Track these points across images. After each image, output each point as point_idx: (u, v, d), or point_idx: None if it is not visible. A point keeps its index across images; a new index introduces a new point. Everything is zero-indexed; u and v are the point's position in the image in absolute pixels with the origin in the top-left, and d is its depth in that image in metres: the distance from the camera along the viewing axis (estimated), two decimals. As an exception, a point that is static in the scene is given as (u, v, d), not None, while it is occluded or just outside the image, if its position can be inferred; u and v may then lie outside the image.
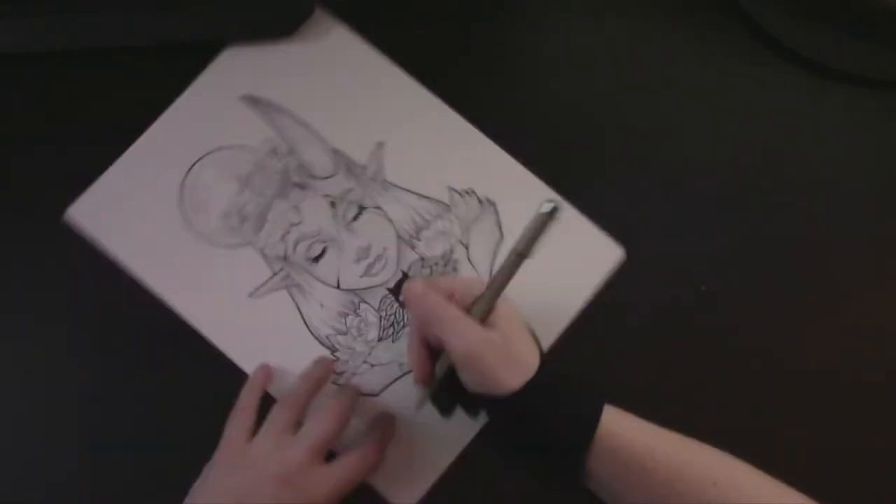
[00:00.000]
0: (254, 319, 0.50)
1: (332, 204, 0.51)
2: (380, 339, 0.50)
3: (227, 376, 0.49)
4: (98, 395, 0.49)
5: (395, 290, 0.51)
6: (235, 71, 0.53)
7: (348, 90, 0.53)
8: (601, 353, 0.51)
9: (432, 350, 0.45)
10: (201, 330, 0.50)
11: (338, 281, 0.51)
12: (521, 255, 0.38)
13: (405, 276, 0.51)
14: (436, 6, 0.55)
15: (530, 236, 0.36)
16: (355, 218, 0.51)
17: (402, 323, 0.50)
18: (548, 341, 0.50)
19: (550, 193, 0.52)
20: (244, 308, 0.50)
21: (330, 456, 0.45)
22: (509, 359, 0.42)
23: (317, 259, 0.51)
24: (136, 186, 0.51)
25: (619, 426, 0.42)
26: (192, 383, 0.49)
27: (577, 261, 0.51)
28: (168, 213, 0.51)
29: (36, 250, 0.51)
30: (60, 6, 0.51)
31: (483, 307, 0.42)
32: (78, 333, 0.50)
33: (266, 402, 0.47)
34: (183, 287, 0.50)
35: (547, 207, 0.34)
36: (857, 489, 0.49)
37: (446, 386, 0.44)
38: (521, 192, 0.52)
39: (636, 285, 0.51)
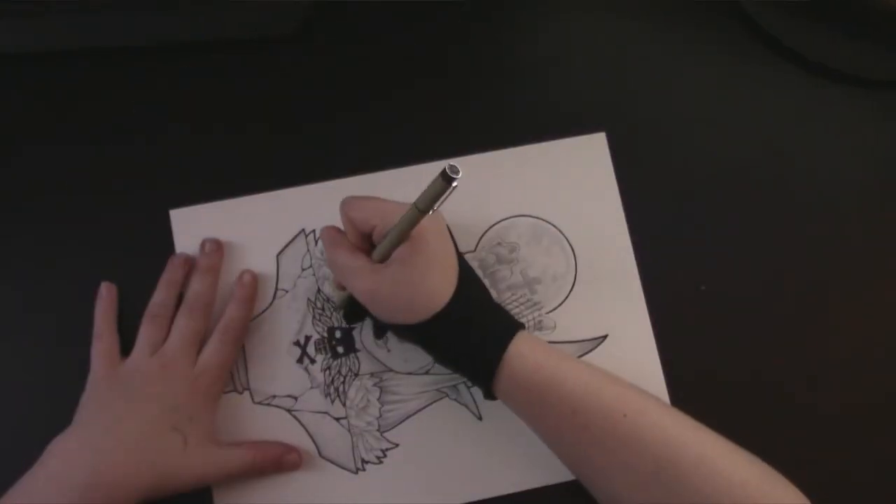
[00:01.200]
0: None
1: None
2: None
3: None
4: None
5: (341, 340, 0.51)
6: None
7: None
8: (601, 353, 0.50)
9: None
10: None
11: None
12: (421, 211, 0.39)
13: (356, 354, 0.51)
14: (433, 6, 0.55)
15: (431, 195, 0.37)
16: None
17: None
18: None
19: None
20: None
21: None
22: (406, 299, 0.43)
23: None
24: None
25: (528, 357, 0.43)
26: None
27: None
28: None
29: (36, 250, 0.51)
30: (60, 6, 0.51)
31: (381, 253, 0.44)
32: (77, 334, 0.50)
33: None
34: None
35: (447, 171, 0.35)
36: (857, 489, 0.49)
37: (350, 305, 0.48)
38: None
39: (636, 285, 0.51)
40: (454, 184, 0.35)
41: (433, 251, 0.43)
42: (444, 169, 0.35)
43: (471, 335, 0.44)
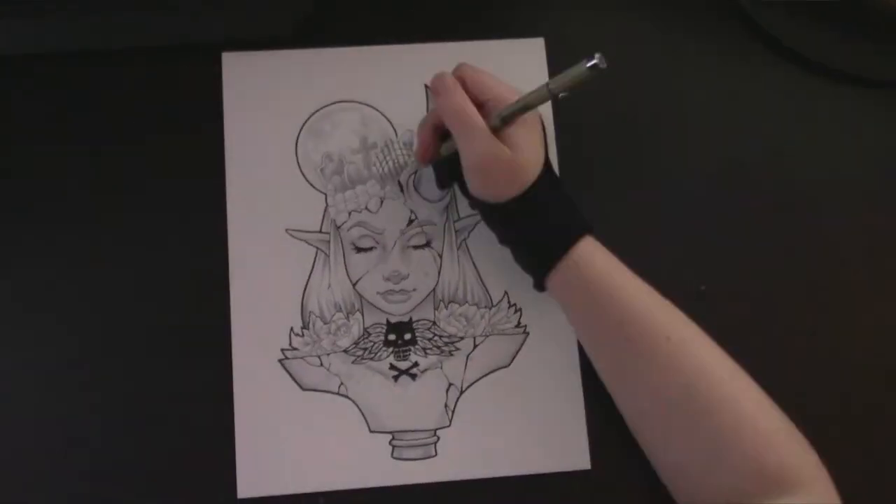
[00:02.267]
0: (273, 251, 0.51)
1: (410, 222, 0.52)
2: (345, 352, 0.50)
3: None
4: (102, 388, 0.50)
5: (392, 328, 0.51)
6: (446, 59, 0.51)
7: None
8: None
9: (440, 134, 0.48)
10: (229, 224, 0.51)
11: (358, 280, 0.51)
12: (553, 93, 0.40)
13: (410, 323, 0.51)
14: (428, 6, 0.55)
15: (567, 81, 0.39)
16: (416, 248, 0.51)
17: (373, 356, 0.50)
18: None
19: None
20: (276, 237, 0.51)
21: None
22: (511, 173, 0.44)
23: (359, 250, 0.51)
24: (287, 79, 0.53)
25: (591, 261, 0.45)
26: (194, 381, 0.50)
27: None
28: (292, 118, 0.53)
29: (36, 250, 0.51)
30: (61, 6, 0.51)
31: (499, 123, 0.44)
32: (77, 335, 0.50)
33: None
34: (247, 185, 0.51)
35: (591, 62, 0.36)
36: (857, 488, 0.49)
37: (445, 165, 0.49)
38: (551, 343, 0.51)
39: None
40: (593, 70, 0.36)
41: (541, 134, 0.45)
42: (595, 58, 0.36)
43: (541, 225, 0.45)
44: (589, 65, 0.36)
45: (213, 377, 0.49)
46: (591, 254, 0.45)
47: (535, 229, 0.45)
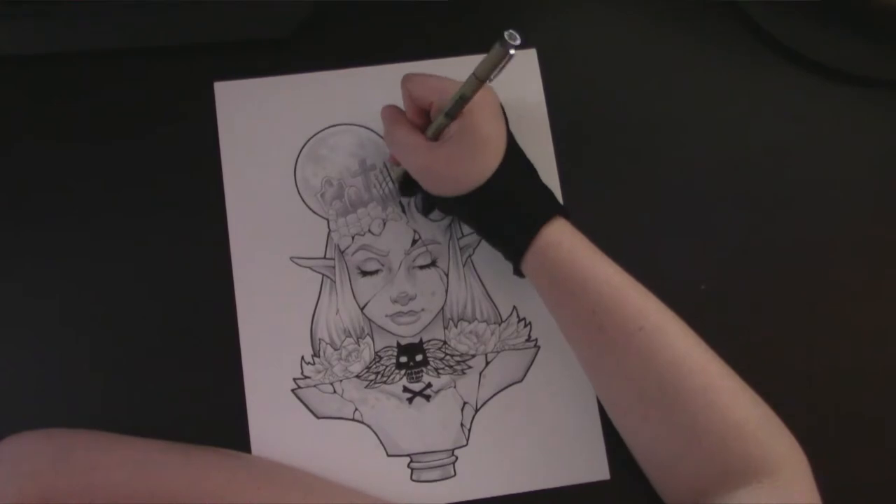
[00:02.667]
0: (278, 281, 0.51)
1: (414, 242, 0.52)
2: (357, 377, 0.50)
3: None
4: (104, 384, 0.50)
5: (403, 350, 0.51)
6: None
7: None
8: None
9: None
10: (233, 255, 0.51)
11: (365, 304, 0.51)
12: (479, 79, 0.40)
13: (420, 344, 0.51)
14: (428, 5, 0.55)
15: (489, 65, 0.39)
16: (422, 267, 0.51)
17: (386, 380, 0.50)
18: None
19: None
20: (281, 265, 0.51)
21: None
22: (455, 175, 0.45)
23: (365, 274, 0.51)
24: (281, 105, 0.53)
25: (559, 245, 0.44)
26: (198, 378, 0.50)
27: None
28: (289, 144, 0.52)
29: (35, 250, 0.51)
30: (61, 7, 0.51)
31: (436, 127, 0.45)
32: (76, 335, 0.50)
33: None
34: (248, 215, 0.51)
35: (505, 38, 0.36)
36: (858, 488, 0.49)
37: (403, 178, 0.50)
38: (563, 355, 0.50)
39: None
40: (512, 51, 0.36)
41: (484, 130, 0.44)
42: (504, 35, 0.35)
43: (508, 211, 0.45)
44: (503, 45, 0.36)
45: (224, 398, 0.49)
46: (559, 238, 0.44)
47: (500, 218, 0.46)
